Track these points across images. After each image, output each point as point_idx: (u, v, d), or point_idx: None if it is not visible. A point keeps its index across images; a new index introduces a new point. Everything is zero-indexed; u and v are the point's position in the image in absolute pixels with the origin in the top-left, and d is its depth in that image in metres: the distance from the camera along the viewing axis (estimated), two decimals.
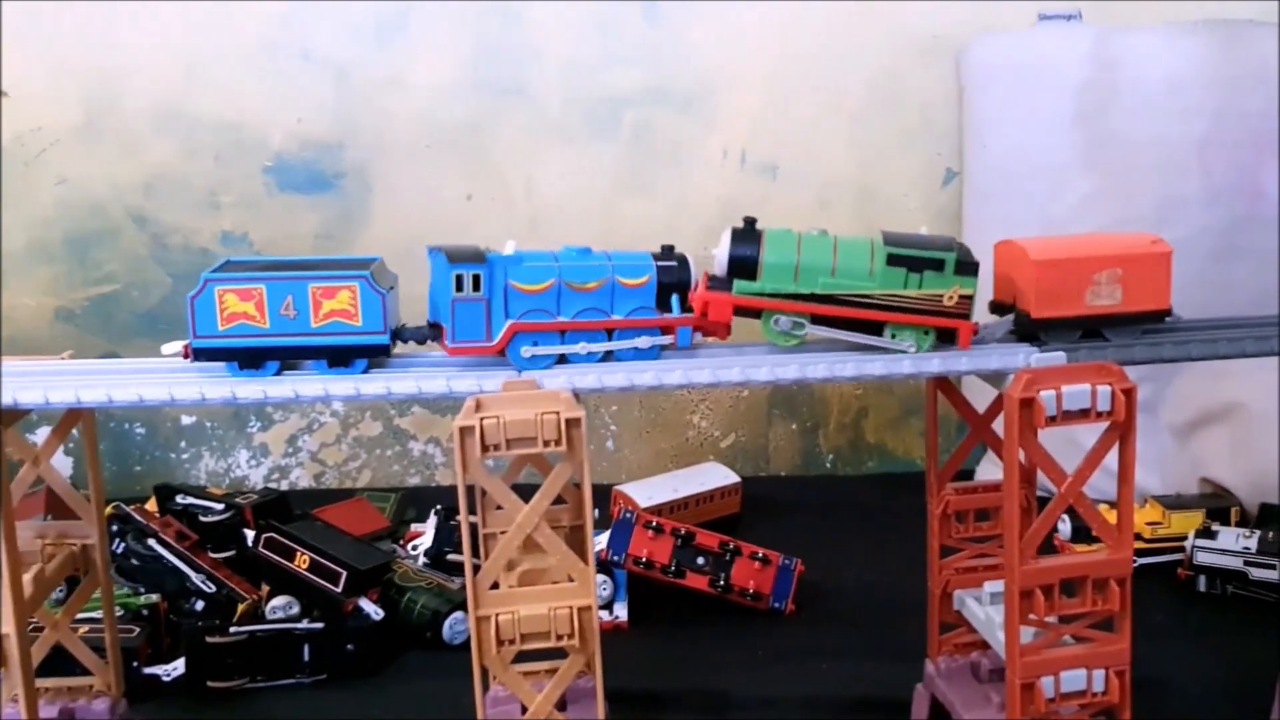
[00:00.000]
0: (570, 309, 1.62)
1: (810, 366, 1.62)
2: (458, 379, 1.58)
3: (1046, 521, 1.57)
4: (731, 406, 3.38)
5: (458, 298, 1.58)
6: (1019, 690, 1.58)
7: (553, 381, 1.57)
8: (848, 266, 1.62)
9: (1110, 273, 1.64)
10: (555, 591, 1.54)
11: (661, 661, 2.39)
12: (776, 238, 1.64)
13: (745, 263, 1.63)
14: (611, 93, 3.19)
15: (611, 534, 2.56)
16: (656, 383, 1.61)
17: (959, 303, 1.62)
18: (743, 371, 1.61)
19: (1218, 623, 2.47)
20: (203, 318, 1.56)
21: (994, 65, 3.03)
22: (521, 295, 1.60)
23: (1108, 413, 1.53)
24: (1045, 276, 1.63)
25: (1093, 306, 1.64)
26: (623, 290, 1.63)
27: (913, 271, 1.62)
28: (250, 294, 1.56)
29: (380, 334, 1.59)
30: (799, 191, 3.23)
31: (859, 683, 2.24)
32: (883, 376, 1.63)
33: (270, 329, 1.57)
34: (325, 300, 1.57)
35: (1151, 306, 1.67)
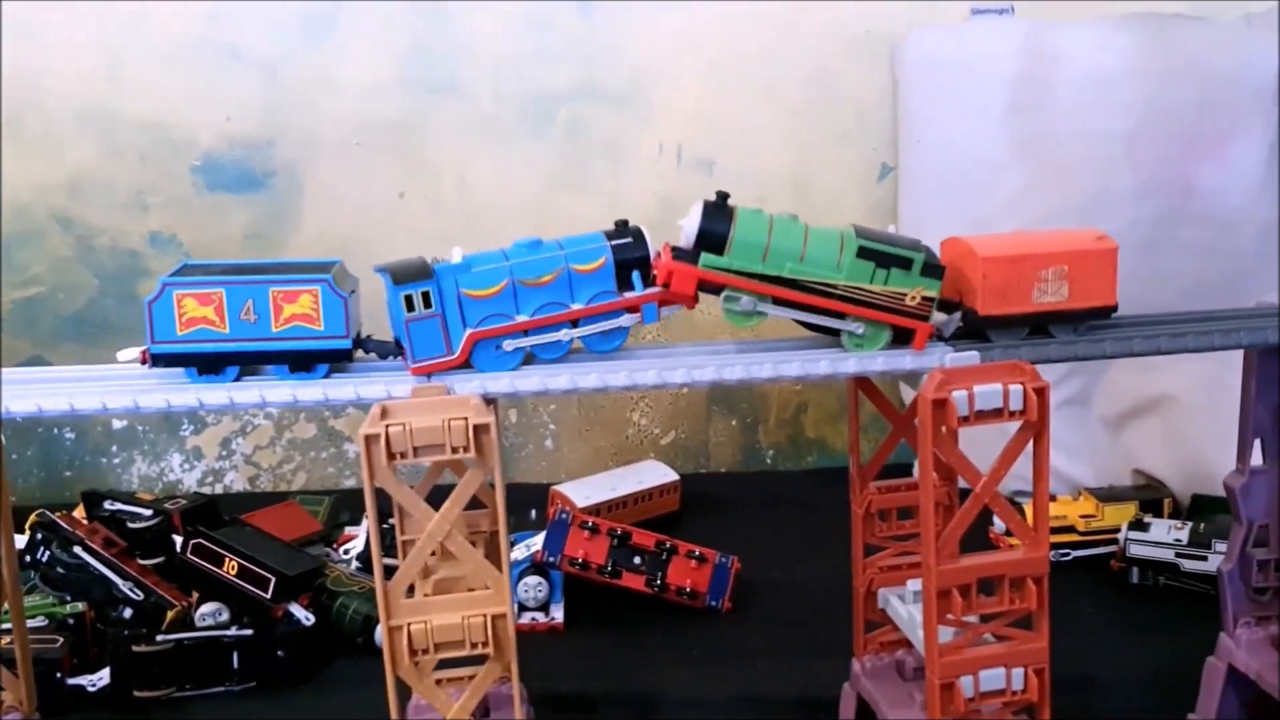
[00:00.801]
0: (529, 306, 1.58)
1: (728, 369, 1.61)
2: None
3: (962, 521, 1.57)
4: (671, 404, 3.37)
5: (410, 318, 1.55)
6: (938, 690, 1.58)
7: (464, 386, 1.55)
8: (817, 254, 1.61)
9: (1057, 270, 1.63)
10: (469, 599, 1.52)
11: (596, 663, 2.37)
12: (749, 216, 1.62)
13: (714, 237, 1.60)
14: (545, 89, 3.16)
15: (547, 535, 2.55)
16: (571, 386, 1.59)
17: (920, 304, 1.61)
18: (659, 375, 1.59)
19: (1149, 614, 2.49)
20: (161, 323, 1.53)
21: (927, 60, 3.04)
22: (476, 302, 1.57)
23: (1020, 412, 1.53)
24: (993, 274, 1.62)
25: (1040, 304, 1.64)
26: (580, 278, 1.60)
27: (880, 267, 1.61)
28: (210, 298, 1.53)
29: (343, 338, 1.56)
30: (735, 187, 3.11)
31: (792, 681, 2.24)
32: (800, 377, 1.62)
33: (230, 334, 1.54)
34: (286, 304, 1.54)
35: (1098, 303, 1.67)
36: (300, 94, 3.13)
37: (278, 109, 3.13)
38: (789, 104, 3.21)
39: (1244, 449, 1.87)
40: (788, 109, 3.21)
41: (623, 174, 3.21)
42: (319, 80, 3.12)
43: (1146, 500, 2.75)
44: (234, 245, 3.17)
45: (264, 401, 1.54)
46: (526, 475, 3.35)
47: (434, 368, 1.56)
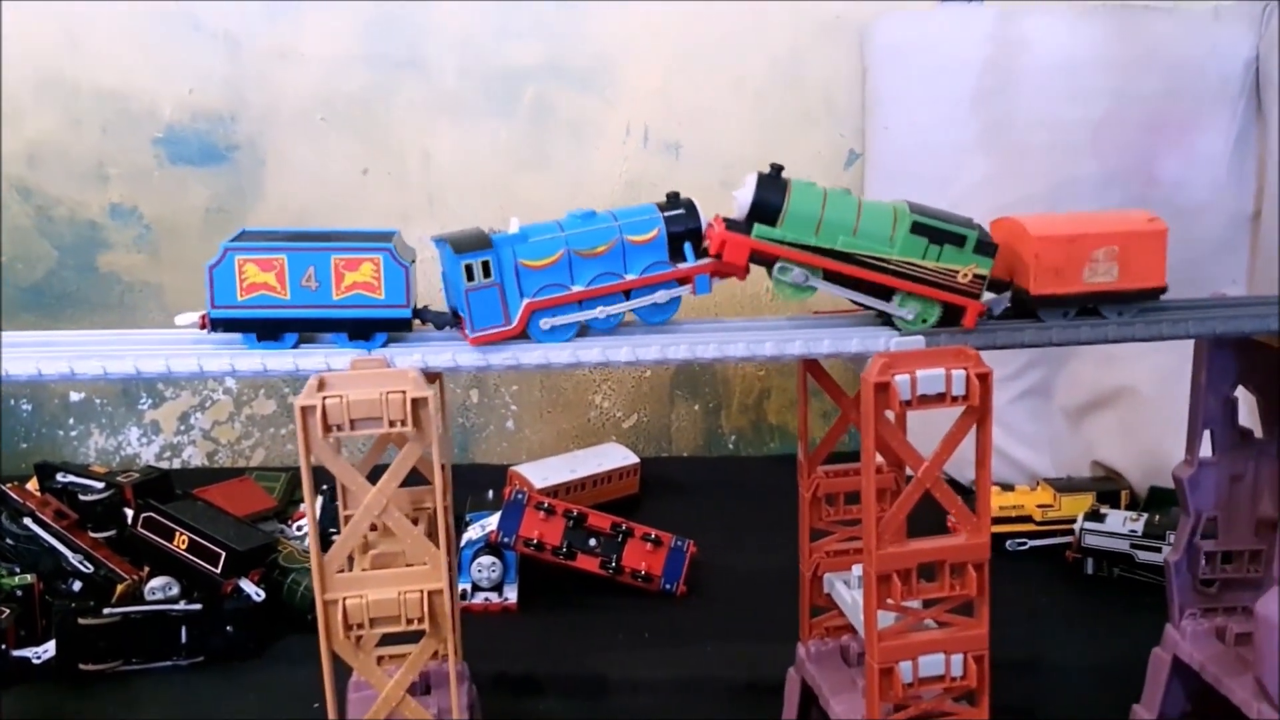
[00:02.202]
0: (584, 277, 1.58)
1: (671, 348, 1.59)
2: None
3: (904, 506, 1.56)
4: (634, 387, 3.36)
5: (470, 287, 1.54)
6: (877, 675, 1.57)
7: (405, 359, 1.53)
8: (870, 228, 1.60)
9: (1108, 250, 1.63)
10: (406, 575, 1.51)
11: (547, 644, 2.37)
12: (803, 188, 1.61)
13: (768, 208, 1.59)
14: (510, 67, 3.14)
15: (502, 516, 2.54)
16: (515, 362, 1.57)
17: (972, 281, 1.61)
18: (602, 352, 1.58)
19: (1103, 605, 2.50)
20: (222, 288, 1.52)
21: (895, 45, 3.03)
22: (533, 272, 1.56)
23: (963, 397, 1.52)
24: (1045, 253, 1.62)
25: (1090, 283, 1.64)
26: (633, 248, 1.59)
27: (933, 243, 1.60)
28: (271, 264, 1.52)
29: (403, 307, 1.55)
30: (702, 170, 3.20)
31: (741, 665, 2.24)
32: (745, 358, 1.61)
33: (291, 300, 1.53)
34: (348, 272, 1.53)
35: (1147, 284, 1.66)
36: (263, 67, 3.10)
37: (241, 82, 3.10)
38: (756, 87, 3.19)
39: (1193, 440, 1.87)
40: (755, 92, 3.20)
41: (588, 154, 3.19)
42: (282, 54, 3.09)
43: (1104, 491, 2.75)
44: (196, 218, 3.14)
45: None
46: (487, 456, 3.34)
47: (492, 337, 1.57)
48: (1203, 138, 2.76)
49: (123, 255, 3.17)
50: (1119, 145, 2.77)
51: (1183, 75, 2.75)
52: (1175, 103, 2.75)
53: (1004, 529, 2.73)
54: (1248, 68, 2.73)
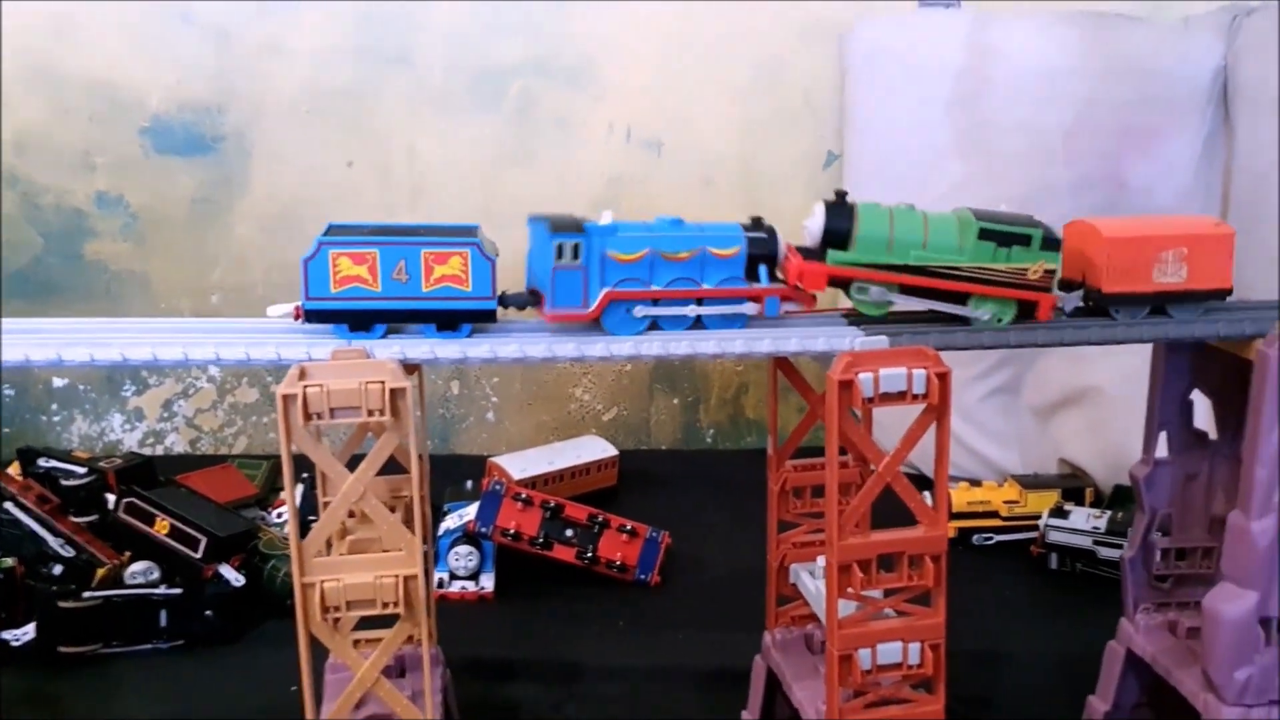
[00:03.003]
0: (663, 278, 1.64)
1: (644, 344, 1.64)
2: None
3: (864, 499, 1.61)
4: (614, 380, 3.41)
5: (558, 266, 1.60)
6: (837, 661, 1.63)
7: (384, 351, 1.57)
8: (939, 240, 1.67)
9: (1177, 251, 1.68)
10: (382, 560, 1.55)
11: (522, 632, 2.42)
12: (870, 211, 1.67)
13: (839, 234, 1.66)
14: (496, 64, 3.18)
15: (480, 506, 2.58)
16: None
17: (1043, 277, 1.67)
18: (577, 348, 1.63)
19: (1064, 599, 2.56)
20: (315, 280, 1.57)
21: (874, 49, 3.08)
22: (617, 264, 1.62)
23: (923, 395, 1.57)
24: (1117, 253, 1.68)
25: (1159, 283, 1.69)
26: (714, 260, 1.65)
27: (1001, 246, 1.66)
28: (364, 258, 1.57)
29: (489, 299, 1.61)
30: (683, 169, 3.25)
31: (711, 652, 2.29)
32: (716, 355, 1.65)
33: (382, 292, 1.58)
34: (437, 265, 1.58)
35: (1214, 285, 1.72)
36: (252, 60, 3.14)
37: (229, 74, 3.14)
38: (739, 88, 3.24)
39: (1149, 441, 1.93)
40: (737, 93, 3.25)
41: (572, 151, 3.24)
42: (270, 46, 3.13)
43: (1069, 489, 2.81)
44: (181, 208, 3.18)
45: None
46: (467, 446, 3.38)
47: (568, 318, 1.62)
48: (1171, 145, 2.82)
49: (109, 244, 3.21)
50: (1090, 151, 2.82)
51: (1153, 83, 2.80)
52: (1145, 110, 2.80)
53: (971, 524, 2.80)
54: (1216, 76, 2.79)
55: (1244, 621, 1.68)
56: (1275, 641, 1.70)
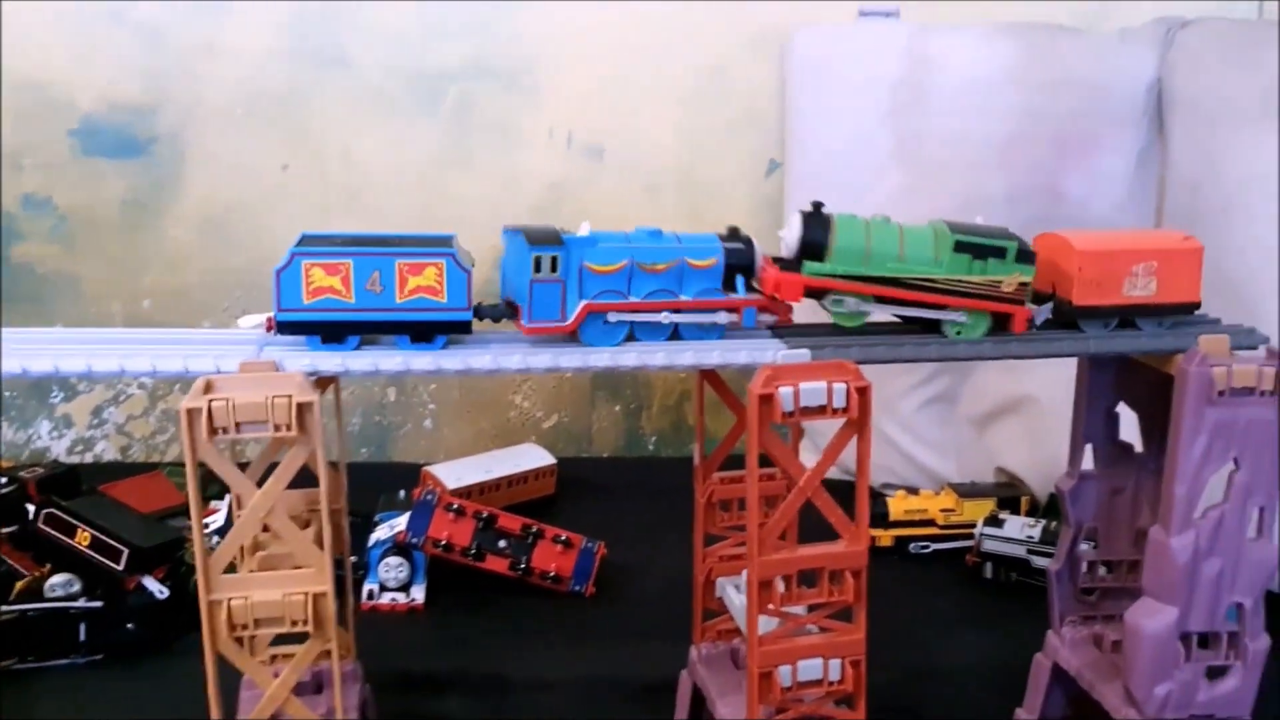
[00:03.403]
0: (641, 290, 1.63)
1: (564, 356, 1.62)
2: None
3: (785, 514, 1.60)
4: (555, 387, 3.38)
5: (536, 279, 1.58)
6: (757, 678, 1.61)
7: (295, 363, 1.54)
8: (915, 252, 1.67)
9: (1146, 265, 1.68)
10: (291, 577, 1.52)
11: (452, 644, 2.39)
12: (846, 222, 1.67)
13: (815, 245, 1.66)
14: (435, 66, 3.14)
15: (411, 516, 2.55)
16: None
17: (1017, 289, 1.67)
18: (494, 360, 1.60)
19: (999, 609, 2.56)
20: (288, 291, 1.55)
21: (815, 59, 3.07)
22: (595, 276, 1.60)
23: (843, 409, 1.56)
24: (1088, 266, 1.68)
25: (1129, 296, 1.70)
26: (691, 271, 1.64)
27: (977, 258, 1.67)
28: (337, 268, 1.54)
29: (464, 310, 1.59)
30: (625, 176, 3.23)
31: (643, 665, 2.27)
32: (636, 368, 1.63)
33: (356, 303, 1.56)
34: (412, 276, 1.56)
35: (1183, 299, 1.73)
36: (185, 60, 3.08)
37: (161, 74, 3.08)
38: (681, 95, 3.23)
39: (1074, 454, 1.93)
40: (680, 100, 3.23)
41: (511, 156, 3.21)
42: (204, 47, 3.08)
43: (1005, 497, 2.82)
44: (112, 210, 3.12)
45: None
46: (405, 455, 3.35)
47: (546, 331, 1.60)
48: (1107, 156, 2.83)
49: (36, 246, 3.14)
50: (1026, 162, 2.83)
51: (1088, 95, 2.81)
52: (1081, 122, 2.82)
53: (908, 532, 2.80)
54: (1150, 89, 2.81)
55: (1164, 637, 1.68)
56: (1195, 657, 1.70)
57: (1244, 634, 1.69)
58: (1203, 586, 1.66)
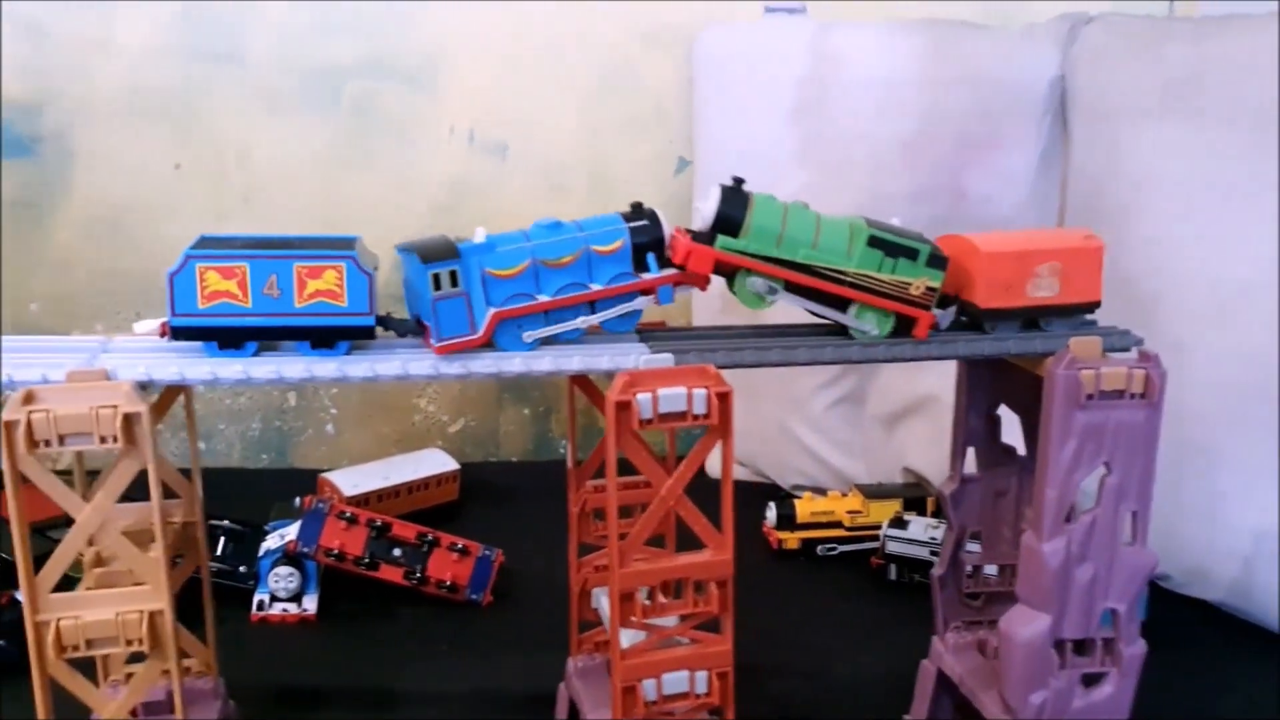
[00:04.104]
0: (550, 287, 1.59)
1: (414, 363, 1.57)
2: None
3: (647, 524, 1.55)
4: (460, 391, 3.32)
5: (437, 296, 1.53)
6: (620, 693, 1.57)
7: (128, 371, 1.47)
8: (829, 242, 1.65)
9: (1050, 266, 1.67)
10: (126, 595, 1.46)
11: (341, 656, 2.33)
12: (764, 202, 1.65)
13: (731, 221, 1.63)
14: (331, 63, 3.07)
15: (302, 525, 2.48)
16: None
17: (924, 294, 1.66)
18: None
19: (900, 612, 2.52)
20: (182, 296, 1.50)
21: (721, 56, 3.03)
22: (499, 281, 1.56)
23: (704, 416, 1.51)
24: (993, 268, 1.66)
25: (1034, 298, 1.68)
26: (599, 259, 1.61)
27: (889, 256, 1.65)
28: (233, 272, 1.49)
29: (366, 315, 1.54)
30: (530, 173, 3.17)
31: (532, 676, 2.21)
32: (491, 375, 1.58)
33: (253, 308, 1.51)
34: (310, 280, 1.51)
35: (1085, 299, 1.71)
36: (71, 57, 2.98)
37: (47, 72, 2.99)
38: (586, 92, 3.17)
39: (955, 457, 1.91)
40: (584, 97, 3.17)
41: (412, 154, 3.14)
42: (91, 43, 2.98)
43: (911, 498, 2.79)
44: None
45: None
46: (305, 461, 3.27)
47: (459, 346, 1.56)
48: (1010, 154, 2.81)
49: None
50: (930, 161, 2.80)
51: (992, 93, 2.78)
52: (984, 120, 2.79)
53: (815, 534, 2.77)
54: (1053, 86, 2.78)
55: (1037, 644, 1.65)
56: (1071, 664, 1.68)
57: (1119, 640, 1.67)
58: (1076, 592, 1.64)
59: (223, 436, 3.26)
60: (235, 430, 3.26)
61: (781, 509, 2.79)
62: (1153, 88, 2.56)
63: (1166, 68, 2.54)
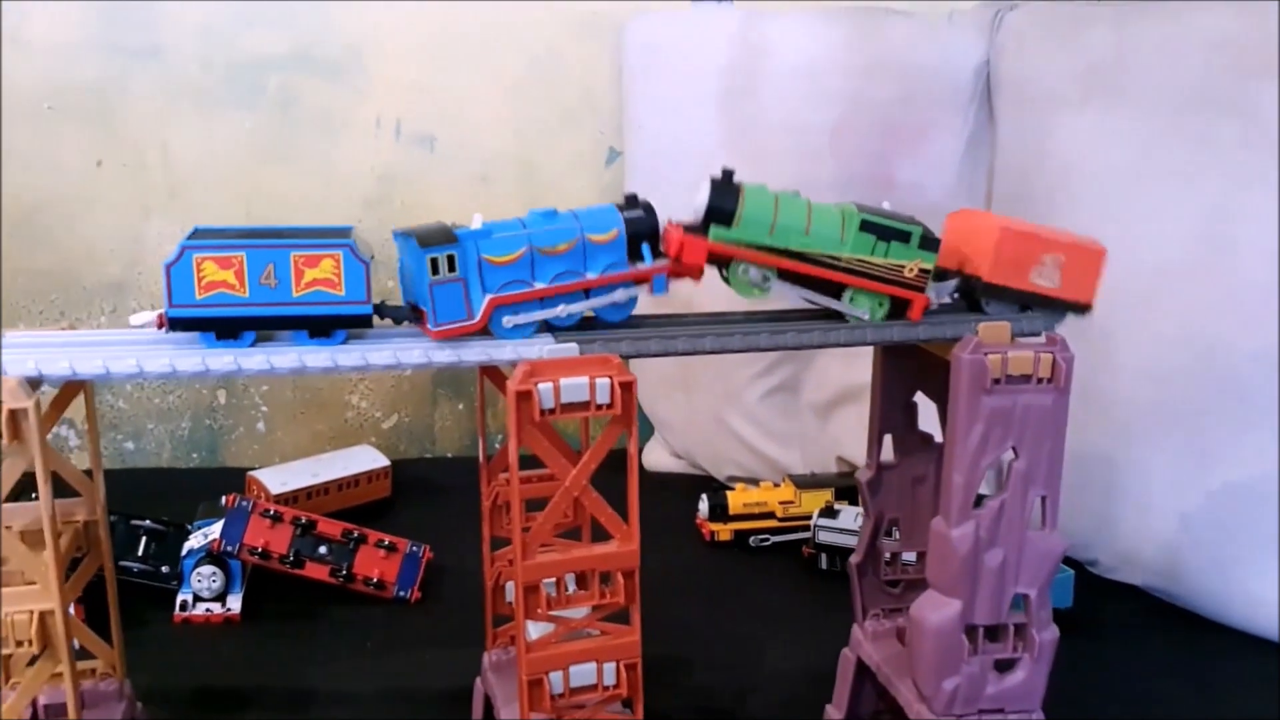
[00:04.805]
0: (546, 274, 1.58)
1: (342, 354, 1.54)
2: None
3: (550, 516, 1.54)
4: (394, 386, 3.28)
5: (435, 281, 1.53)
6: (526, 687, 1.55)
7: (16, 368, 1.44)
8: (821, 229, 1.65)
9: (1055, 257, 1.68)
10: (16, 595, 1.42)
11: (263, 656, 2.29)
12: (756, 192, 1.64)
13: (723, 212, 1.63)
14: (253, 56, 3.02)
15: (225, 524, 2.45)
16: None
17: (918, 276, 1.66)
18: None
19: (831, 601, 2.49)
20: (179, 287, 1.48)
21: (649, 45, 3.01)
22: (496, 268, 1.56)
23: (607, 405, 1.50)
24: (1006, 245, 1.67)
25: (1034, 284, 1.69)
26: (594, 248, 1.60)
27: (881, 240, 1.66)
28: (230, 262, 1.48)
29: (363, 304, 1.53)
30: (459, 165, 3.14)
31: (455, 672, 2.18)
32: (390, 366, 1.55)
33: (250, 298, 1.50)
34: (308, 269, 1.51)
35: (1080, 298, 1.72)
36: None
37: None
38: (513, 82, 3.14)
39: (872, 444, 1.90)
40: (512, 87, 3.15)
41: (338, 148, 3.10)
42: (7, 40, 2.91)
43: (843, 487, 2.78)
44: None
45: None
46: (237, 459, 3.23)
47: (455, 331, 1.55)
48: (937, 142, 2.81)
49: None
50: (857, 149, 2.79)
51: (917, 80, 2.78)
52: (911, 107, 2.78)
53: (747, 525, 2.76)
54: (978, 73, 2.79)
55: (948, 630, 1.64)
56: (983, 650, 1.67)
57: (1031, 625, 1.66)
58: (985, 578, 1.63)
59: (152, 436, 3.21)
60: (165, 429, 3.21)
61: (714, 501, 2.78)
62: (1076, 73, 2.57)
63: (1089, 52, 2.55)
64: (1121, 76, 2.48)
